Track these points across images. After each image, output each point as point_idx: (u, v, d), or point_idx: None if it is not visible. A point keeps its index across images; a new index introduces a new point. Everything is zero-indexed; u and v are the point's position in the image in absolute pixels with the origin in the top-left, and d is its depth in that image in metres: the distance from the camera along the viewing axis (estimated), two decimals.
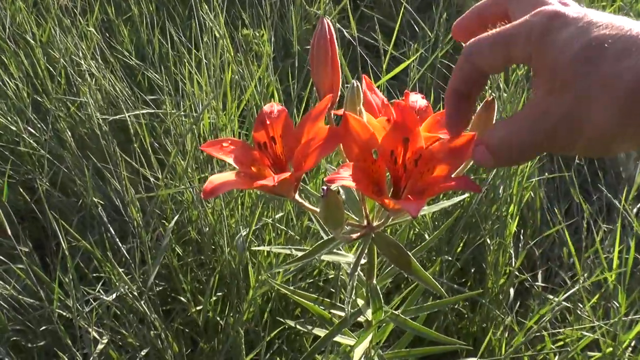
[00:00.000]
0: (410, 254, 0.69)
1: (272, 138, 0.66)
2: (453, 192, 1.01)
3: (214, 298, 1.33)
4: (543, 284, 1.64)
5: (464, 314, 1.53)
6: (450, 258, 1.42)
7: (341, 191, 0.75)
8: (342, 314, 0.89)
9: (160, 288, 1.48)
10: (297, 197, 0.66)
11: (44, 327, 1.49)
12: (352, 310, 0.87)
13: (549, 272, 1.76)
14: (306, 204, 0.68)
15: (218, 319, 1.34)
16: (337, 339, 0.95)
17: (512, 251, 1.50)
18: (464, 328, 1.53)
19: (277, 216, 1.30)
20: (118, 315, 1.35)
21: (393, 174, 0.61)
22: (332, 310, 0.91)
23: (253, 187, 0.61)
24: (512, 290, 1.55)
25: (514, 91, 1.64)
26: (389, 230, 0.99)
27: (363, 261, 0.82)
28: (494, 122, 0.65)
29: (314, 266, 1.27)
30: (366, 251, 0.79)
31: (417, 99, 0.71)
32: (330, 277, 1.29)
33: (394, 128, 0.58)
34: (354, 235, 0.69)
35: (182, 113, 1.47)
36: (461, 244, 1.50)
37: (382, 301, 0.80)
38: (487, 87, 1.69)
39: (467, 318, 1.53)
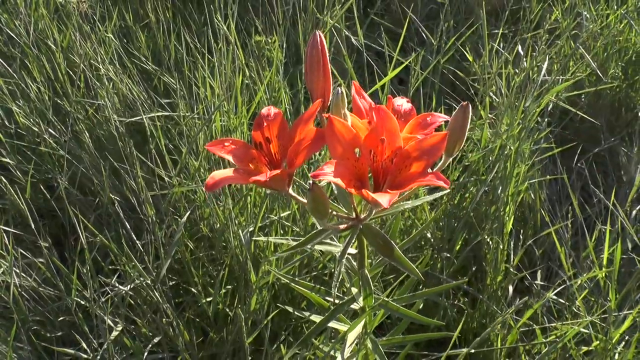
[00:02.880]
0: (394, 243, 0.76)
1: (268, 138, 0.73)
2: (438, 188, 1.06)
3: (224, 290, 1.40)
4: (543, 283, 1.69)
5: (464, 310, 1.59)
6: (449, 255, 1.48)
7: (334, 187, 0.82)
8: (338, 301, 0.96)
9: (173, 282, 1.55)
10: (290, 191, 0.73)
11: (62, 318, 1.57)
12: (345, 298, 0.94)
13: (549, 272, 1.81)
14: (298, 197, 0.75)
15: (227, 310, 1.41)
16: (334, 325, 1.02)
17: (510, 250, 1.55)
18: (465, 324, 1.58)
19: (284, 214, 1.37)
20: (132, 306, 1.43)
21: (374, 171, 0.68)
22: (327, 297, 0.98)
23: (249, 182, 0.68)
24: (510, 288, 1.61)
25: (515, 96, 1.69)
26: (386, 221, 1.06)
27: (355, 251, 0.89)
28: (468, 125, 0.72)
29: (318, 260, 1.34)
30: (356, 242, 0.86)
31: (402, 103, 0.78)
32: (333, 270, 1.35)
33: (373, 130, 0.65)
34: (342, 226, 0.76)
35: (196, 115, 1.55)
36: (460, 242, 1.56)
37: (372, 288, 0.87)
38: (489, 91, 1.75)
39: (467, 314, 1.59)
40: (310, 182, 0.66)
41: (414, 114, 0.77)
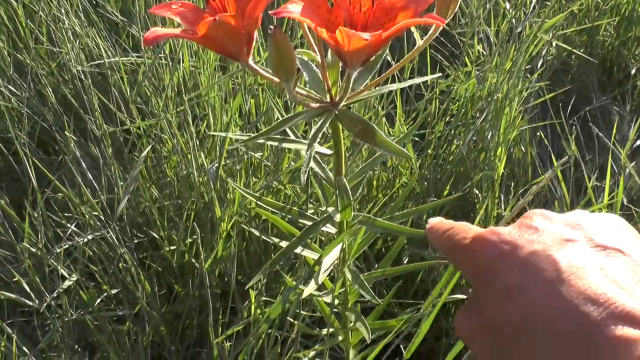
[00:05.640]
0: (375, 127, 0.64)
1: None
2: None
3: (190, 240, 1.28)
4: None
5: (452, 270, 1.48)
6: (436, 199, 1.37)
7: (303, 72, 0.70)
8: (311, 223, 0.84)
9: (138, 241, 1.43)
10: (250, 62, 0.62)
11: (16, 279, 1.44)
12: (319, 217, 0.82)
13: None
14: (260, 69, 0.63)
15: (194, 261, 1.29)
16: (307, 254, 0.90)
17: (501, 198, 1.45)
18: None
19: (256, 154, 1.26)
20: (92, 260, 1.31)
21: (350, 25, 0.57)
22: (300, 220, 0.86)
23: (195, 39, 0.57)
24: None
25: (504, 42, 1.59)
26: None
27: (329, 152, 0.77)
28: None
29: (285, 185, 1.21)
30: (332, 140, 0.74)
31: None
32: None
33: None
34: (315, 105, 0.65)
35: (161, 55, 1.43)
36: (447, 194, 1.45)
37: (351, 198, 0.75)
38: (475, 42, 1.65)
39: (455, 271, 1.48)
40: (272, 27, 0.55)
41: None
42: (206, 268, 1.05)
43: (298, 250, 0.87)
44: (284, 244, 0.88)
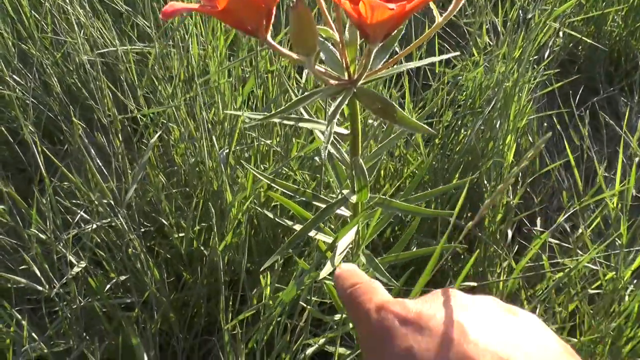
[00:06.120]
0: (394, 104, 0.64)
1: None
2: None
3: (198, 227, 1.28)
4: (542, 230, 1.59)
5: (461, 255, 1.48)
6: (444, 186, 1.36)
7: (322, 53, 0.70)
8: (325, 205, 0.84)
9: (145, 229, 1.42)
10: (269, 38, 0.61)
11: (23, 267, 1.44)
12: (335, 199, 0.81)
13: (548, 222, 1.71)
14: (279, 46, 0.62)
15: (202, 249, 1.29)
16: (321, 237, 0.89)
17: (509, 188, 1.44)
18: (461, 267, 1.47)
19: (267, 141, 1.25)
20: (100, 246, 1.30)
21: None
22: (314, 202, 0.86)
23: (213, 13, 0.56)
24: (510, 232, 1.50)
25: (511, 31, 1.58)
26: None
27: (346, 132, 0.76)
28: None
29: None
30: (349, 120, 0.73)
31: None
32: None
33: None
34: (334, 82, 0.64)
35: (170, 43, 1.42)
36: (456, 179, 1.44)
37: (368, 179, 0.75)
38: (484, 31, 1.64)
39: (464, 259, 1.48)
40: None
41: None
42: (220, 251, 1.04)
43: (312, 233, 0.87)
44: (297, 227, 0.88)
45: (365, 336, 0.40)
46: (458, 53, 0.76)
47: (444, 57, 0.71)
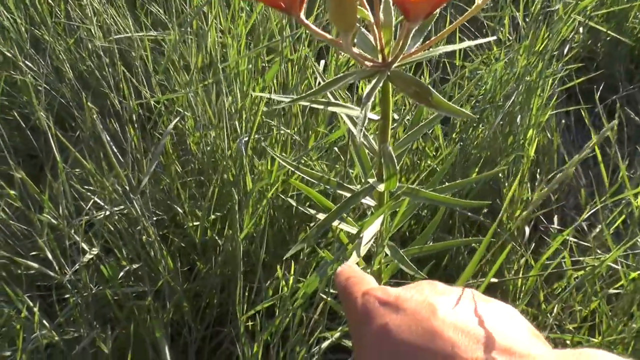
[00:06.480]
0: (430, 87, 0.61)
1: None
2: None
3: (213, 217, 1.26)
4: (560, 227, 1.56)
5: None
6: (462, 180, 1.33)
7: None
8: (350, 195, 0.81)
9: (157, 218, 1.40)
10: (302, 16, 0.59)
11: (34, 253, 1.42)
12: (359, 188, 0.79)
13: (564, 220, 1.69)
14: (312, 26, 0.60)
15: (217, 238, 1.26)
16: (345, 227, 0.87)
17: (528, 182, 1.42)
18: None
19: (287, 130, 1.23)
20: (112, 233, 1.28)
21: None
22: (339, 190, 0.83)
23: None
24: (527, 229, 1.47)
25: (533, 26, 1.56)
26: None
27: (376, 117, 0.74)
28: None
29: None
30: (381, 103, 0.71)
31: None
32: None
33: None
34: (369, 64, 0.62)
35: (189, 30, 1.40)
36: (475, 173, 1.42)
37: (397, 167, 0.72)
38: (507, 22, 1.62)
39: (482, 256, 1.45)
40: None
41: None
42: (242, 239, 1.02)
43: (335, 223, 0.84)
44: (321, 216, 0.85)
45: (352, 323, 0.43)
46: (494, 37, 0.74)
47: (481, 41, 0.68)
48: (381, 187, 0.77)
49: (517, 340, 0.36)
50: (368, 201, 0.84)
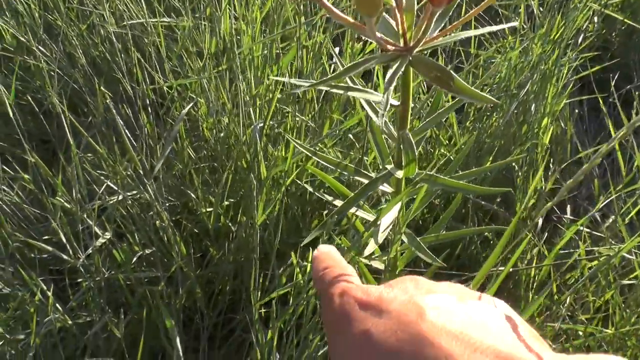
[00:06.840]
0: (452, 72, 0.61)
1: None
2: None
3: (226, 203, 1.25)
4: (573, 217, 1.55)
5: (490, 241, 1.45)
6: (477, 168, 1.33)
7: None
8: (367, 181, 0.81)
9: (170, 204, 1.40)
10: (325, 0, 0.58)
11: (47, 237, 1.42)
12: (378, 174, 0.78)
13: (577, 210, 1.68)
14: (335, 9, 0.59)
15: (230, 225, 1.26)
16: (362, 214, 0.87)
17: (542, 171, 1.41)
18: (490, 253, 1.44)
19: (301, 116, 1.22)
20: (124, 217, 1.28)
21: None
22: (356, 177, 0.83)
23: None
24: (540, 220, 1.47)
25: (549, 14, 1.54)
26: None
27: (397, 103, 0.73)
28: None
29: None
30: (401, 88, 0.70)
31: None
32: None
33: None
34: (391, 48, 0.61)
35: (203, 16, 1.39)
36: (490, 161, 1.41)
37: (416, 153, 0.72)
38: (522, 9, 1.60)
39: (493, 244, 1.45)
40: None
41: None
42: (259, 225, 1.01)
43: (352, 210, 0.84)
44: (338, 202, 0.85)
45: (327, 321, 0.40)
46: (515, 23, 0.73)
47: (499, 27, 0.68)
48: (399, 174, 0.77)
49: (518, 346, 0.33)
50: (385, 188, 0.83)
